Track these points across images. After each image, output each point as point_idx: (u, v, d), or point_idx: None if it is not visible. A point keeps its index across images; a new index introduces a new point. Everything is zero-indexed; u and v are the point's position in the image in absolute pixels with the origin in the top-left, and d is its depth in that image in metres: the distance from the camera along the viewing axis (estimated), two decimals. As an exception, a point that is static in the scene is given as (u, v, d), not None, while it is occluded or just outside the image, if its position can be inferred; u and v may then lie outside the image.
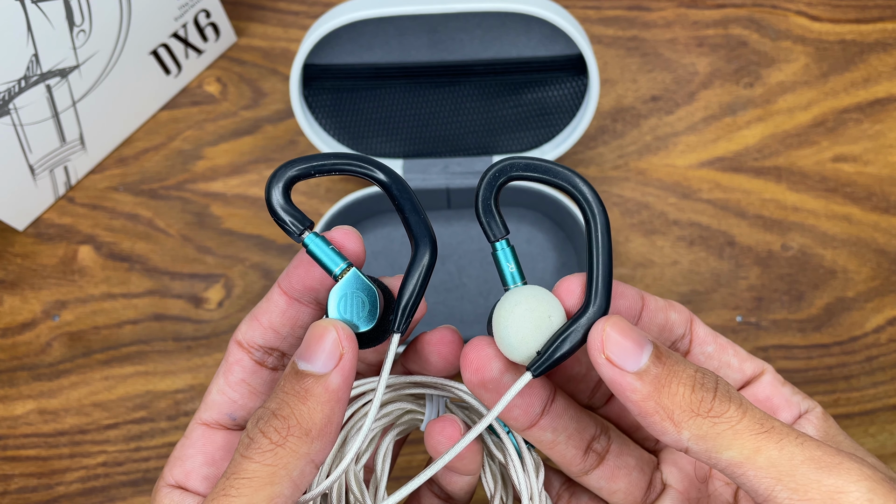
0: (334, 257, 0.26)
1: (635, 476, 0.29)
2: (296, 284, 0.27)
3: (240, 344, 0.28)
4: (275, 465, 0.23)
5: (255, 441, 0.24)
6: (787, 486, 0.22)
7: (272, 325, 0.28)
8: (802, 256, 0.48)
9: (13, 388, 0.47)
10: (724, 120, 0.52)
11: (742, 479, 0.23)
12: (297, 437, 0.23)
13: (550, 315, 0.25)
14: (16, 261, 0.50)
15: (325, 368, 0.24)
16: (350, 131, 0.47)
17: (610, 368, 0.24)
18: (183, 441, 0.28)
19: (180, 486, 0.28)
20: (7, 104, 0.43)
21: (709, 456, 0.23)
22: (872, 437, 0.45)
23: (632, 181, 0.50)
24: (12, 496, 0.44)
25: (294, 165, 0.26)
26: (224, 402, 0.28)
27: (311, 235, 0.26)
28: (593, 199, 0.26)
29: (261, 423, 0.24)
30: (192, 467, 0.28)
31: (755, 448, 0.23)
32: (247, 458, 0.23)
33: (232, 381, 0.28)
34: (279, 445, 0.23)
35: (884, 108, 0.52)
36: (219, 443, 0.28)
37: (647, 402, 0.23)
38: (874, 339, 0.47)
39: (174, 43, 0.51)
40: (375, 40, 0.43)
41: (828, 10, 0.54)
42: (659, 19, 0.54)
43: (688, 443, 0.23)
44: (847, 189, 0.50)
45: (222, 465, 0.28)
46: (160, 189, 0.51)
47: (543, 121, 0.46)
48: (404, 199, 0.26)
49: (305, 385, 0.24)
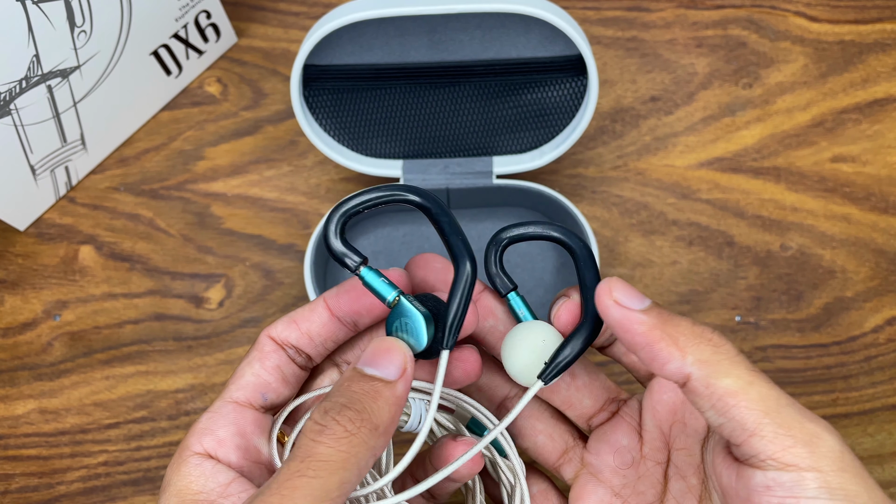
0: (386, 288, 0.29)
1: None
2: (344, 307, 0.31)
3: (274, 339, 0.31)
4: (348, 452, 0.25)
5: (329, 428, 0.25)
6: (774, 420, 0.25)
7: (309, 332, 0.31)
8: (801, 256, 0.49)
9: (14, 387, 0.47)
10: (723, 120, 0.52)
11: (733, 411, 0.25)
12: (368, 430, 0.26)
13: (544, 339, 0.30)
14: (17, 261, 0.50)
15: (393, 377, 0.27)
16: (350, 132, 0.47)
17: (618, 309, 0.26)
18: (210, 415, 0.29)
19: (210, 454, 0.28)
20: (8, 104, 0.43)
21: (707, 382, 0.25)
22: (871, 436, 0.45)
23: (631, 181, 0.51)
24: (13, 496, 0.45)
25: (344, 206, 0.29)
26: (259, 384, 0.30)
27: (365, 269, 0.29)
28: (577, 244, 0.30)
29: (332, 412, 0.26)
30: (225, 436, 0.29)
31: (749, 381, 0.25)
32: (320, 443, 0.25)
33: (268, 366, 0.30)
34: (353, 434, 0.25)
35: (882, 108, 0.52)
36: (249, 419, 0.30)
37: (654, 331, 0.26)
38: (873, 338, 0.47)
39: (175, 43, 0.51)
40: (375, 41, 0.43)
41: (827, 11, 0.55)
42: (658, 20, 0.55)
43: (691, 367, 0.26)
44: (846, 189, 0.50)
45: (252, 439, 0.29)
46: (161, 189, 0.51)
47: (543, 121, 0.46)
48: (444, 220, 0.29)
49: (376, 387, 0.27)
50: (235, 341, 0.48)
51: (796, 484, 0.25)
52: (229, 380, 0.31)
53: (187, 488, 0.28)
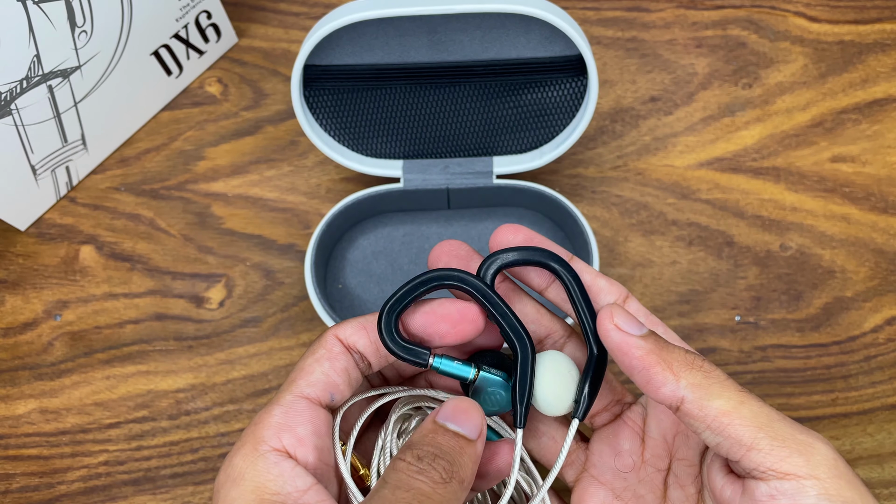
0: (463, 368, 0.30)
1: None
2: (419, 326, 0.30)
3: (342, 341, 0.31)
4: (444, 496, 0.26)
5: (427, 471, 0.27)
6: (768, 434, 0.27)
7: (377, 342, 0.31)
8: (801, 256, 0.49)
9: (15, 387, 0.47)
10: (723, 120, 0.52)
11: (728, 430, 0.27)
12: (458, 481, 0.27)
13: (570, 371, 0.31)
14: (17, 261, 0.50)
15: (474, 436, 0.28)
16: (351, 132, 0.47)
17: (618, 333, 0.28)
18: (283, 410, 0.29)
19: (289, 453, 0.28)
20: (9, 105, 0.44)
21: (700, 404, 0.27)
22: (871, 436, 0.45)
23: (631, 181, 0.51)
24: (14, 495, 0.45)
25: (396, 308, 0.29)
26: (329, 384, 0.30)
27: (437, 359, 0.30)
28: (566, 272, 0.31)
29: (427, 459, 0.27)
30: (305, 434, 0.28)
31: (740, 400, 0.27)
32: (422, 482, 0.26)
33: (338, 367, 0.30)
34: (447, 482, 0.27)
35: (882, 108, 0.52)
36: (323, 418, 0.29)
37: (651, 356, 0.28)
38: (872, 338, 0.47)
39: (175, 44, 0.51)
40: (376, 41, 0.44)
41: (826, 11, 0.55)
42: (658, 20, 0.55)
43: (684, 390, 0.27)
44: (845, 189, 0.50)
45: (326, 440, 0.29)
46: (161, 189, 0.51)
47: (543, 121, 0.46)
48: (496, 307, 0.30)
49: (461, 443, 0.28)
50: (236, 341, 0.48)
51: (798, 491, 0.26)
52: (293, 374, 0.30)
53: (265, 487, 0.27)
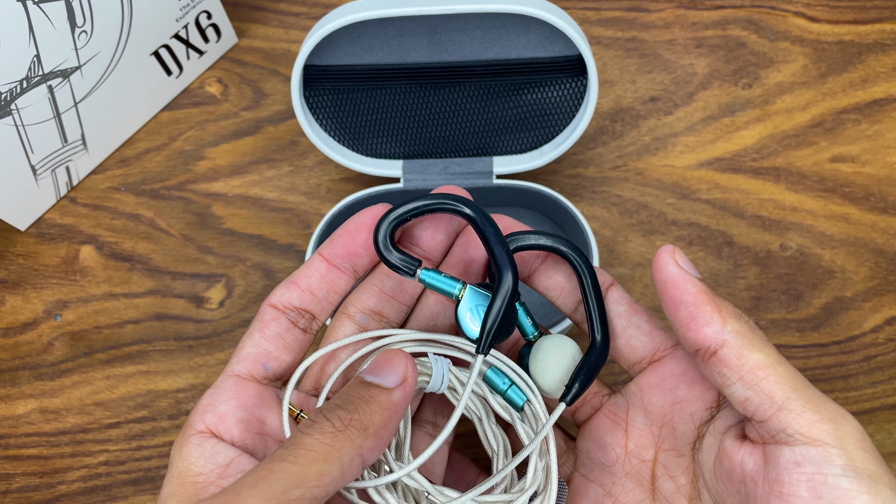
0: (449, 282, 0.30)
1: None
2: (340, 252, 0.31)
3: (274, 306, 0.31)
4: (331, 445, 0.25)
5: (318, 423, 0.26)
6: (801, 396, 0.26)
7: (310, 287, 0.31)
8: (801, 256, 0.49)
9: (15, 387, 0.47)
10: (723, 120, 0.52)
11: (763, 384, 0.27)
12: (356, 429, 0.26)
13: (573, 356, 0.31)
14: (18, 261, 0.50)
15: (392, 384, 0.28)
16: (351, 132, 0.47)
17: (676, 267, 0.29)
18: (212, 391, 0.30)
19: (212, 431, 0.29)
20: (9, 105, 0.44)
21: (740, 353, 0.27)
22: (871, 436, 0.45)
23: (630, 181, 0.51)
24: (14, 495, 0.45)
25: (391, 215, 0.29)
26: (259, 354, 0.30)
27: (423, 271, 0.30)
28: (581, 260, 0.31)
29: (325, 411, 0.27)
30: (227, 410, 0.29)
31: (778, 360, 0.27)
32: (307, 435, 0.26)
33: (268, 334, 0.31)
34: (339, 431, 0.26)
35: (882, 108, 0.52)
36: (251, 391, 0.30)
37: (704, 295, 0.28)
38: (872, 338, 0.47)
39: (175, 44, 0.51)
40: (376, 41, 0.44)
41: (826, 11, 0.55)
42: (658, 20, 0.55)
43: (728, 335, 0.27)
44: (845, 189, 0.50)
45: (255, 412, 0.30)
46: (161, 189, 0.51)
47: (543, 121, 0.46)
48: (489, 231, 0.30)
49: (371, 392, 0.27)
50: (236, 341, 0.48)
51: (824, 460, 0.25)
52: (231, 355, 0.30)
53: (188, 470, 0.28)
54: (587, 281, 0.31)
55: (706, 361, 0.28)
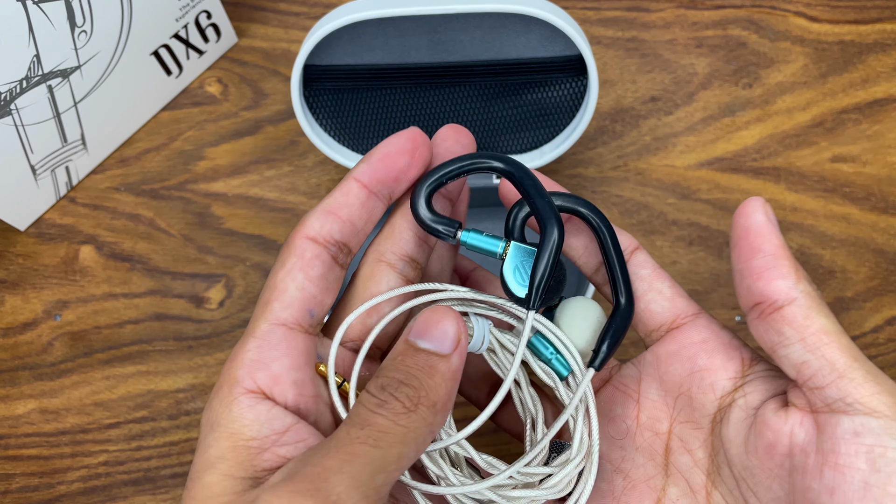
0: (492, 241, 0.28)
1: None
2: (381, 175, 0.28)
3: (314, 240, 0.28)
4: (406, 426, 0.24)
5: (388, 403, 0.25)
6: (863, 367, 0.25)
7: (351, 217, 0.28)
8: (801, 256, 0.49)
9: (15, 387, 0.47)
10: (723, 120, 0.52)
11: (825, 349, 0.25)
12: (427, 406, 0.25)
13: (598, 319, 0.30)
14: (17, 261, 0.50)
15: (448, 350, 0.26)
16: (350, 132, 0.47)
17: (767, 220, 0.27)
18: (258, 343, 0.27)
19: (265, 393, 0.26)
20: (8, 104, 0.44)
21: (807, 314, 0.26)
22: (871, 436, 0.45)
23: (631, 181, 0.51)
24: (14, 495, 0.45)
25: (428, 179, 0.28)
26: (304, 299, 0.27)
27: (464, 232, 0.28)
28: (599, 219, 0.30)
29: (390, 388, 0.25)
30: (280, 370, 0.26)
31: (841, 330, 0.26)
32: (381, 416, 0.24)
33: (313, 276, 0.27)
34: (411, 411, 0.25)
35: (882, 108, 0.52)
36: (300, 346, 0.27)
37: (786, 250, 0.27)
38: (873, 338, 0.47)
39: (175, 44, 0.51)
40: (376, 41, 0.44)
41: (826, 11, 0.55)
42: (658, 20, 0.55)
43: (799, 294, 0.26)
44: (846, 189, 0.50)
45: (307, 371, 0.27)
46: (161, 189, 0.51)
47: (543, 121, 0.46)
48: (528, 184, 0.28)
49: (431, 362, 0.26)
50: (236, 341, 0.48)
51: (885, 432, 0.24)
52: (267, 295, 0.27)
53: (240, 433, 0.25)
54: (607, 242, 0.30)
55: (765, 317, 0.26)
